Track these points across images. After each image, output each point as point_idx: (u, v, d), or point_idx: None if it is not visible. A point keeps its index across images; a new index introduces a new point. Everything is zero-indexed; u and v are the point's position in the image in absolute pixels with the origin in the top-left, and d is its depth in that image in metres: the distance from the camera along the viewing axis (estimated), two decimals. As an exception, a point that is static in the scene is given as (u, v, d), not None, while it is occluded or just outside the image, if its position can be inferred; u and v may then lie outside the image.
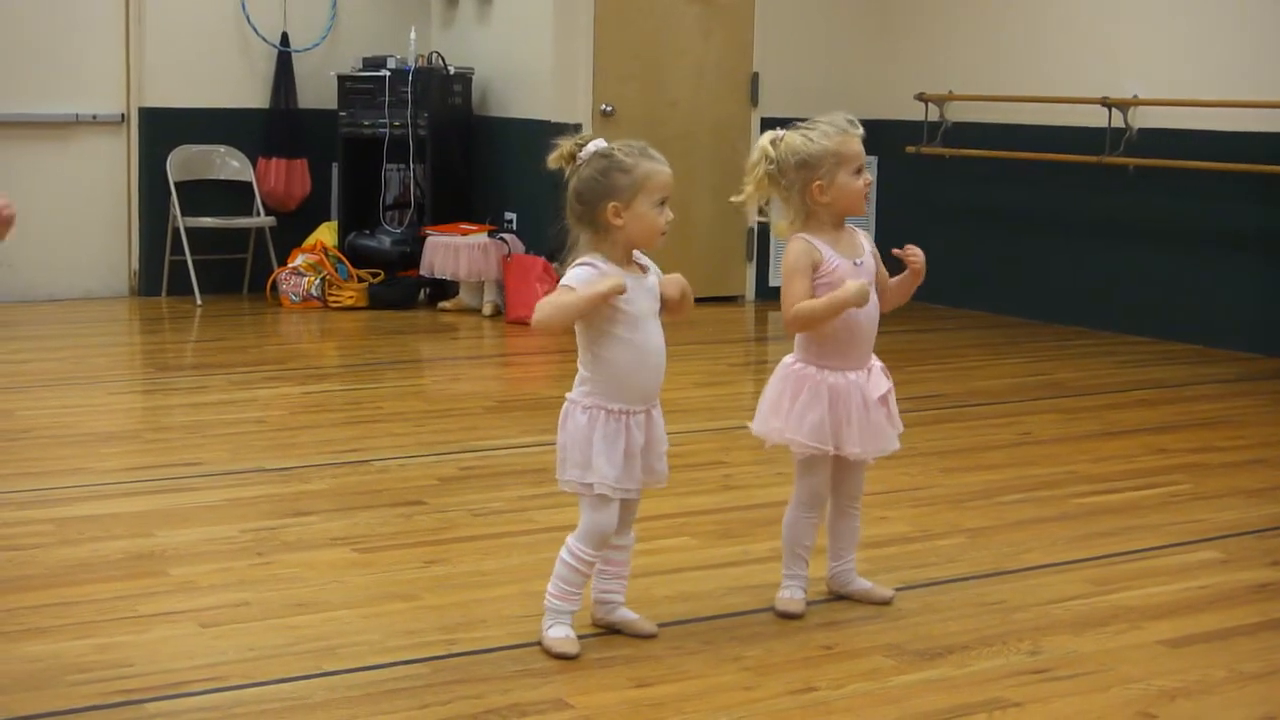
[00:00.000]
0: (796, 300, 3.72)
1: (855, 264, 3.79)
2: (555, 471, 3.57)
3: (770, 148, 3.77)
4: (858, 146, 3.76)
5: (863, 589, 3.98)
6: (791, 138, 3.76)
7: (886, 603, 3.95)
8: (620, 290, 3.46)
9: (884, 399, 3.81)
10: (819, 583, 3.98)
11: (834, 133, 3.74)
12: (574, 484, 3.53)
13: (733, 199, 3.87)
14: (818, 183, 3.73)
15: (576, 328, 3.54)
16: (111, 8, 9.04)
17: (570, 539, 3.58)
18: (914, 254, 3.84)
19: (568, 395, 3.58)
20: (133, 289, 9.31)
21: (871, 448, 3.80)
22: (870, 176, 3.83)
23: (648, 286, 3.56)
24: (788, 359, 3.85)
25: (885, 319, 3.89)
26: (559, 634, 3.58)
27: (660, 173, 3.51)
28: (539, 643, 3.60)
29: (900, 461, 4.98)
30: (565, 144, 3.56)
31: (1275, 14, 7.84)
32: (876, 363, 3.85)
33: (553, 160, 3.57)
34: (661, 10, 9.21)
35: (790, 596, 3.88)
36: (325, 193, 9.60)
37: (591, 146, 3.53)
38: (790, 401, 3.79)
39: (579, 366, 3.56)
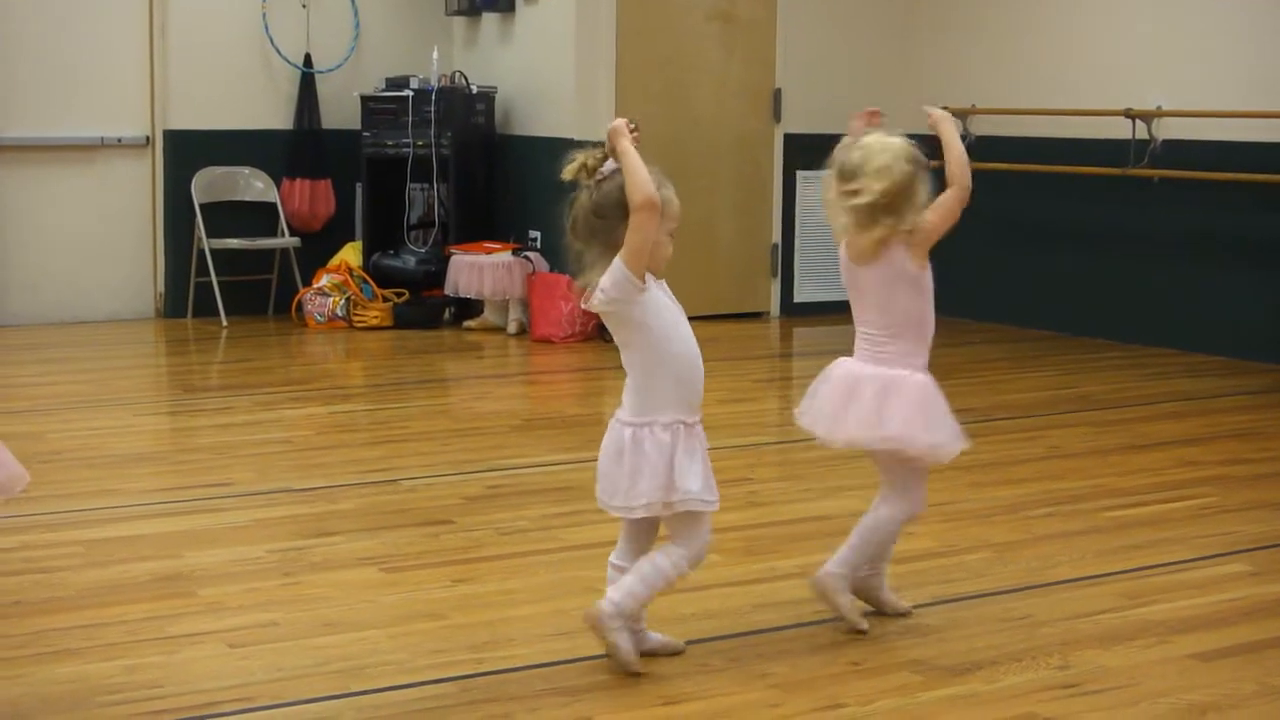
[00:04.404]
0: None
1: None
2: (621, 498, 3.47)
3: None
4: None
5: (889, 601, 3.98)
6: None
7: (904, 615, 3.95)
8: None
9: None
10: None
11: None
12: (695, 499, 3.45)
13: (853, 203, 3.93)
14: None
15: (628, 344, 3.50)
16: (135, 31, 9.10)
17: (677, 553, 3.52)
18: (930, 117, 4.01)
19: (622, 417, 3.49)
20: (158, 311, 9.35)
21: None
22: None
23: (668, 293, 3.54)
24: (902, 372, 3.79)
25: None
26: (627, 644, 3.51)
27: (676, 204, 3.51)
28: (606, 655, 3.55)
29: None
30: (583, 156, 3.53)
31: (1299, 24, 7.84)
32: None
33: (568, 172, 3.52)
34: (683, 27, 9.22)
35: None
36: (349, 213, 9.63)
37: (611, 164, 3.49)
38: (938, 411, 3.80)
39: (632, 389, 3.49)
